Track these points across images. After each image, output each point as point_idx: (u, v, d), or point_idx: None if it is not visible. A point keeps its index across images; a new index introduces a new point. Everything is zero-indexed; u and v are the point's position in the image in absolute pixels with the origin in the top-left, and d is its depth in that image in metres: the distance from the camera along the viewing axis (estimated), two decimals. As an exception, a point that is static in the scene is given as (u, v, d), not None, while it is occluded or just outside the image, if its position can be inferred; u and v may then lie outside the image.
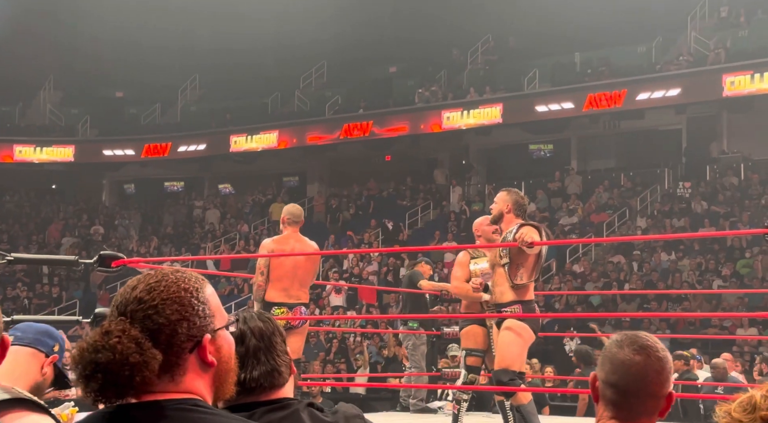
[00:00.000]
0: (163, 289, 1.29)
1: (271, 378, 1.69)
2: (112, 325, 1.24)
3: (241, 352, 1.67)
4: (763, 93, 15.40)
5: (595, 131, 18.45)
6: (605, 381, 1.62)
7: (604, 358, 1.64)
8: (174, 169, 22.05)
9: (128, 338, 1.23)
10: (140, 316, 1.26)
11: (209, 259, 17.21)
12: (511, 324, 4.68)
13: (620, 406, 1.60)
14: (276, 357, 1.71)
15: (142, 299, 1.28)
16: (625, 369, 1.59)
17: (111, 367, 1.21)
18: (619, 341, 1.63)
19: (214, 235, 19.88)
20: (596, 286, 13.42)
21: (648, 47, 17.87)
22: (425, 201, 18.90)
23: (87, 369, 1.22)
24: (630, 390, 1.59)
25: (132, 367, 1.22)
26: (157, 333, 1.26)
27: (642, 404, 1.59)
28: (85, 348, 1.23)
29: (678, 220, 14.95)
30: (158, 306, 1.27)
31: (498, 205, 4.84)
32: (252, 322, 1.74)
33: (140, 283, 1.29)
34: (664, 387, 1.61)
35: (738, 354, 10.20)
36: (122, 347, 1.22)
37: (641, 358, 1.60)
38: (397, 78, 20.55)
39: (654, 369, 1.59)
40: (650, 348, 1.61)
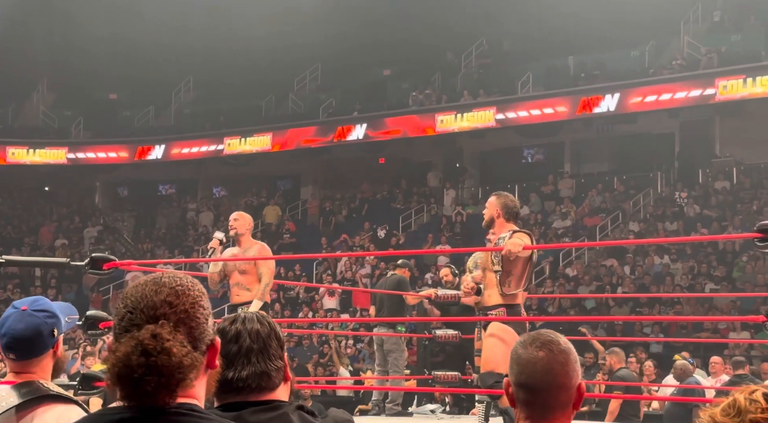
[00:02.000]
0: (188, 292, 1.31)
1: (259, 380, 1.69)
2: (157, 329, 1.25)
3: (234, 351, 1.69)
4: (755, 97, 15.46)
5: (588, 135, 18.49)
6: (516, 383, 1.65)
7: (512, 361, 1.68)
8: (167, 171, 22.02)
9: (178, 341, 1.25)
10: (174, 319, 1.28)
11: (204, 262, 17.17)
12: (496, 328, 4.69)
13: (533, 405, 1.63)
14: (267, 360, 1.71)
15: (172, 303, 1.29)
16: (531, 366, 1.63)
17: (166, 369, 1.23)
18: (523, 342, 1.68)
19: (207, 238, 19.84)
20: (589, 290, 13.45)
21: (641, 51, 17.93)
22: (419, 204, 18.91)
23: (137, 372, 1.22)
24: (539, 386, 1.62)
25: (185, 370, 1.24)
26: (190, 336, 1.28)
27: (554, 398, 1.62)
28: (130, 351, 1.23)
29: (671, 223, 14.99)
30: (188, 310, 1.29)
31: (488, 210, 4.85)
32: (249, 324, 1.74)
33: (161, 287, 1.30)
34: (572, 378, 1.64)
35: (729, 357, 10.23)
36: (177, 350, 1.24)
37: (544, 354, 1.63)
38: (391, 81, 20.57)
39: (558, 362, 1.63)
40: (552, 343, 1.65)
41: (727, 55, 16.41)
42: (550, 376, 1.62)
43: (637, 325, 11.88)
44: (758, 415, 1.40)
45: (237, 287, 5.78)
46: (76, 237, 20.62)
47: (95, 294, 17.95)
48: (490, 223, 4.84)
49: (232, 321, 1.76)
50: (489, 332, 4.69)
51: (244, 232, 5.88)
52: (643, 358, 9.22)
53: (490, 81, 18.93)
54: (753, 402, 1.42)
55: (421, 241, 16.82)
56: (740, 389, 1.47)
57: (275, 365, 1.72)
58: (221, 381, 1.64)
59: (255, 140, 20.14)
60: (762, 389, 1.42)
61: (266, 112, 21.24)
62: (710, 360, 8.37)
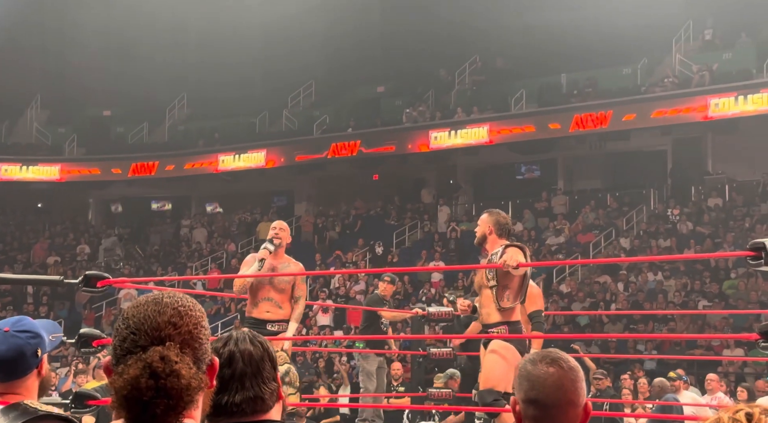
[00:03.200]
0: (190, 312, 1.31)
1: (254, 404, 1.66)
2: (165, 351, 1.24)
3: (227, 375, 1.66)
4: (747, 115, 15.56)
5: (581, 152, 18.57)
6: (525, 399, 1.66)
7: (521, 378, 1.68)
8: (161, 187, 22.00)
9: (186, 363, 1.25)
10: (179, 340, 1.27)
11: (197, 279, 17.13)
12: (496, 345, 4.69)
13: (543, 421, 1.64)
14: (261, 384, 1.68)
15: (176, 324, 1.28)
16: (542, 382, 1.64)
17: (175, 392, 1.22)
18: (532, 359, 1.69)
19: (200, 254, 19.81)
20: (583, 306, 13.45)
21: (633, 69, 18.04)
22: (412, 220, 18.93)
23: (146, 394, 1.22)
24: (550, 402, 1.63)
25: (192, 392, 1.24)
26: (194, 357, 1.28)
27: (563, 414, 1.63)
28: (139, 374, 1.22)
29: (664, 240, 15.02)
30: (192, 331, 1.29)
31: (480, 227, 4.87)
32: (242, 345, 1.70)
33: (163, 307, 1.30)
34: (581, 396, 1.65)
35: (723, 374, 10.23)
36: (186, 372, 1.24)
37: (555, 370, 1.65)
38: (385, 98, 20.64)
39: (569, 378, 1.65)
40: (561, 360, 1.67)
41: (718, 73, 16.53)
42: (560, 392, 1.63)
43: (630, 342, 11.87)
44: None
45: (268, 303, 5.50)
46: (69, 254, 20.55)
47: (88, 311, 17.87)
48: (483, 240, 4.86)
49: (224, 342, 1.71)
50: (490, 349, 4.70)
51: (285, 245, 5.74)
52: (639, 376, 9.21)
53: (484, 98, 19.02)
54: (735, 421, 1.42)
55: (415, 257, 16.82)
56: (726, 408, 1.47)
57: (269, 388, 1.68)
58: (214, 405, 1.62)
59: (249, 157, 20.16)
60: (746, 409, 1.42)
61: (260, 129, 21.28)
62: (706, 377, 8.37)
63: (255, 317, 5.46)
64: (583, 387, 1.66)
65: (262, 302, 5.49)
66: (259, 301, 5.50)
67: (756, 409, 1.38)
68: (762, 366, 10.06)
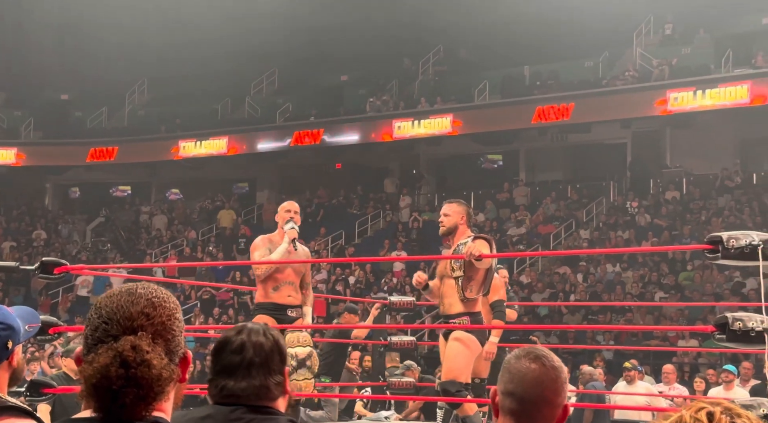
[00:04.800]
0: (164, 303, 1.30)
1: (257, 392, 1.71)
2: (136, 340, 1.23)
3: (236, 362, 1.72)
4: (704, 109, 15.82)
5: (543, 143, 18.73)
6: (504, 391, 1.68)
7: (503, 370, 1.71)
8: (120, 173, 21.70)
9: (157, 354, 1.24)
10: (152, 331, 1.26)
11: (157, 267, 16.95)
12: (459, 335, 4.71)
13: (518, 415, 1.66)
14: (267, 375, 1.73)
15: (149, 314, 1.28)
16: (522, 376, 1.66)
17: (145, 382, 1.22)
18: (517, 354, 1.72)
19: (160, 241, 19.61)
20: (543, 297, 13.60)
21: (595, 62, 18.22)
22: (375, 210, 18.93)
23: (116, 383, 1.21)
24: (527, 397, 1.65)
25: (163, 382, 1.23)
26: (166, 348, 1.27)
27: (539, 411, 1.65)
28: (109, 363, 1.21)
29: (622, 232, 15.24)
30: (165, 322, 1.28)
31: (452, 217, 4.85)
32: (255, 336, 1.76)
33: (137, 297, 1.29)
34: (560, 396, 1.67)
35: (678, 365, 10.43)
36: (157, 362, 1.23)
37: (537, 366, 1.67)
38: (348, 87, 20.57)
39: (549, 377, 1.66)
40: (545, 357, 1.69)
41: (677, 68, 16.78)
42: (539, 388, 1.65)
43: (589, 332, 12.04)
44: None
45: (290, 287, 5.27)
46: (25, 239, 20.19)
47: (44, 298, 17.59)
48: (453, 230, 4.85)
49: (238, 331, 1.78)
50: (453, 339, 4.71)
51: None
52: (598, 366, 9.35)
53: (447, 88, 19.07)
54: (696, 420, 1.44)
55: (377, 246, 16.84)
56: (689, 406, 1.49)
57: (275, 380, 1.74)
58: (220, 386, 1.71)
59: (211, 144, 19.97)
60: (709, 407, 1.44)
61: (222, 116, 21.08)
62: (663, 369, 8.52)
63: (276, 302, 5.20)
64: (563, 387, 1.67)
65: (284, 286, 5.24)
66: (281, 285, 5.23)
67: (717, 408, 1.40)
68: (716, 357, 10.28)
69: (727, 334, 3.56)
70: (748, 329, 3.51)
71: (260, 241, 5.33)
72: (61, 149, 20.93)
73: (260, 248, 5.27)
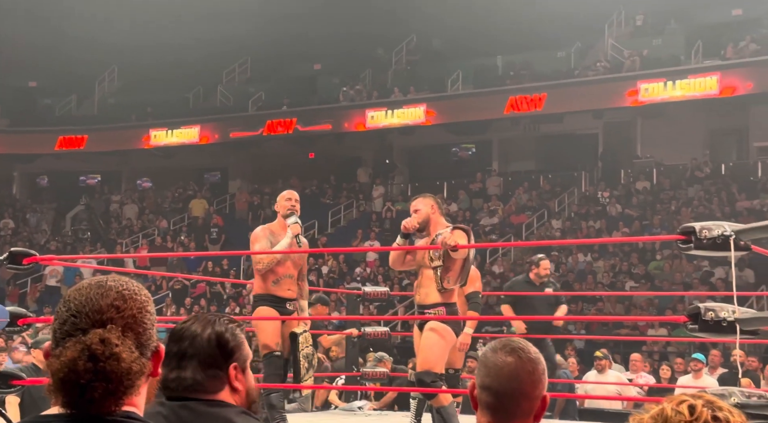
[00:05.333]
0: (135, 296, 1.28)
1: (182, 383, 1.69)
2: (105, 334, 1.22)
3: (173, 351, 1.71)
4: (675, 100, 15.98)
5: (515, 134, 18.80)
6: (481, 385, 1.67)
7: (480, 364, 1.69)
8: (90, 162, 21.43)
9: (127, 347, 1.22)
10: (122, 324, 1.24)
11: (128, 257, 16.79)
12: (434, 326, 4.71)
13: (495, 409, 1.64)
14: (199, 368, 1.71)
15: (120, 307, 1.25)
16: (498, 370, 1.64)
17: (115, 376, 1.20)
18: (493, 346, 1.70)
19: (131, 231, 19.42)
20: (515, 287, 13.65)
21: (567, 53, 18.30)
22: (348, 199, 18.90)
23: (84, 377, 1.19)
24: (503, 391, 1.63)
25: (133, 376, 1.21)
26: (137, 341, 1.25)
27: (516, 405, 1.64)
28: (77, 356, 1.19)
29: (594, 222, 15.36)
30: (136, 315, 1.26)
31: (424, 209, 4.85)
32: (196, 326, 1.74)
33: (107, 290, 1.27)
34: (537, 388, 1.65)
35: (648, 354, 10.56)
36: (127, 356, 1.21)
37: (513, 360, 1.65)
38: (321, 76, 20.47)
39: (526, 370, 1.64)
40: (522, 350, 1.67)
41: (648, 59, 16.91)
42: (515, 382, 1.63)
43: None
44: None
45: (290, 280, 5.17)
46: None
47: (12, 288, 17.35)
48: (426, 223, 4.84)
49: (187, 320, 1.77)
50: (428, 329, 4.71)
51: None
52: (569, 355, 9.43)
53: (421, 78, 19.06)
54: (678, 413, 1.45)
55: (351, 236, 16.82)
56: (670, 398, 1.50)
57: (209, 374, 1.70)
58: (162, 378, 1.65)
59: (182, 132, 19.80)
60: (690, 400, 1.45)
61: (194, 104, 20.89)
62: (630, 357, 8.63)
63: (276, 295, 5.10)
64: (541, 379, 1.65)
65: (284, 279, 5.14)
66: (281, 278, 5.13)
67: (698, 402, 1.41)
68: (685, 345, 10.41)
69: (699, 324, 3.59)
70: (720, 319, 3.55)
71: (261, 232, 5.22)
72: (29, 137, 20.61)
73: (261, 240, 5.16)
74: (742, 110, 16.78)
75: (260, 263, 5.07)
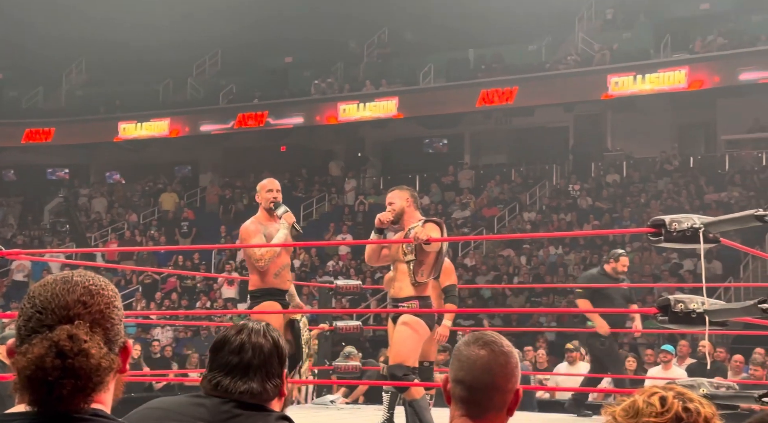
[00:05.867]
0: (102, 291, 1.26)
1: (251, 394, 1.71)
2: (73, 330, 1.19)
3: (234, 362, 1.72)
4: (644, 93, 16.12)
5: (487, 127, 18.86)
6: (454, 379, 1.66)
7: (453, 358, 1.69)
8: (58, 155, 21.15)
9: (96, 343, 1.20)
10: (89, 320, 1.22)
11: (97, 251, 16.60)
12: (407, 319, 4.71)
13: (469, 402, 1.64)
14: (265, 378, 1.73)
15: (87, 303, 1.23)
16: (471, 364, 1.64)
17: (83, 372, 1.18)
18: (467, 340, 1.69)
19: (100, 225, 19.21)
20: (487, 280, 13.74)
21: (538, 46, 18.38)
22: (320, 193, 18.85)
23: (52, 375, 1.16)
24: (476, 385, 1.63)
25: (102, 373, 1.19)
26: (105, 337, 1.23)
27: (489, 399, 1.64)
28: (44, 353, 1.17)
29: (565, 215, 15.47)
30: (104, 310, 1.24)
31: (398, 203, 4.83)
32: (255, 337, 1.76)
33: (73, 285, 1.25)
34: (510, 381, 1.65)
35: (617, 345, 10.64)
36: (96, 352, 1.19)
37: (486, 353, 1.64)
38: (293, 68, 20.37)
39: (499, 363, 1.64)
40: (495, 343, 1.66)
41: (618, 52, 17.04)
42: (488, 375, 1.63)
43: (533, 314, 12.22)
44: (651, 419, 1.45)
45: (287, 271, 5.05)
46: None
47: (-22, 284, 17.08)
48: (401, 216, 4.83)
49: (238, 331, 1.77)
50: (401, 322, 4.70)
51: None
52: (540, 347, 9.50)
53: (392, 71, 19.03)
54: (649, 405, 1.46)
55: (323, 230, 16.78)
56: (641, 390, 1.51)
57: (273, 383, 1.74)
58: (215, 381, 1.71)
59: (152, 125, 19.60)
60: (661, 392, 1.46)
61: (164, 97, 20.68)
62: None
63: (278, 288, 4.95)
64: (515, 372, 1.65)
65: (284, 270, 5.01)
66: (281, 270, 4.99)
67: (669, 393, 1.41)
68: (654, 337, 10.53)
69: (669, 316, 3.62)
70: (690, 311, 3.58)
71: (252, 226, 5.04)
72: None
73: (255, 235, 4.99)
74: (710, 104, 16.98)
75: (262, 259, 4.88)
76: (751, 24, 16.68)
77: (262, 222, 5.09)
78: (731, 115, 16.89)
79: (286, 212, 5.08)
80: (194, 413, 1.69)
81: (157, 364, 9.98)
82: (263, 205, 5.15)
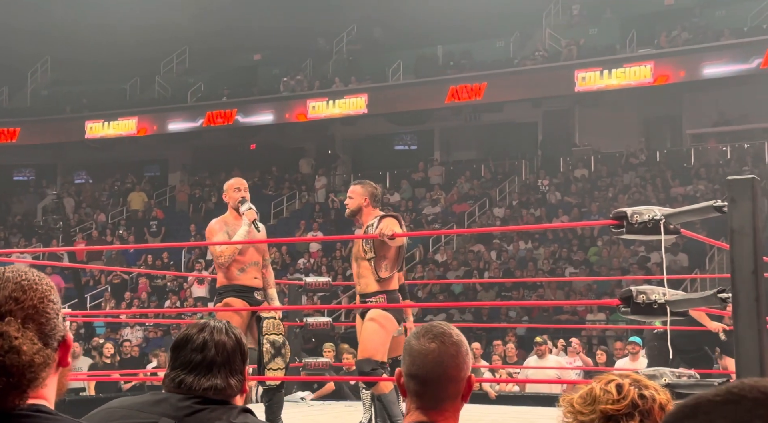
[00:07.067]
0: (35, 286, 1.24)
1: (215, 390, 1.73)
2: (3, 327, 1.18)
3: (197, 360, 1.73)
4: (611, 89, 16.27)
5: (457, 123, 18.92)
6: (407, 374, 1.68)
7: (405, 353, 1.71)
8: (23, 155, 20.86)
9: (28, 339, 1.18)
10: (22, 316, 1.20)
11: (64, 251, 16.41)
12: (375, 314, 4.73)
13: (423, 396, 1.66)
14: (228, 375, 1.74)
15: (19, 299, 1.21)
16: (422, 358, 1.66)
17: (16, 369, 1.16)
18: (416, 333, 1.71)
19: (68, 225, 18.99)
20: (457, 275, 13.79)
21: (506, 42, 18.48)
22: (291, 190, 18.80)
23: None
24: (429, 378, 1.65)
25: (36, 369, 1.18)
26: (40, 332, 1.21)
27: (443, 390, 1.66)
28: None
29: (534, 210, 15.57)
30: (37, 305, 1.22)
31: (355, 199, 4.85)
32: (218, 335, 1.77)
33: (4, 282, 1.23)
34: (462, 370, 1.67)
35: (587, 338, 10.77)
36: (28, 348, 1.17)
37: (436, 346, 1.66)
38: (261, 66, 20.27)
39: (449, 354, 1.66)
40: (444, 335, 1.68)
41: (585, 48, 17.18)
42: (440, 368, 1.65)
43: (503, 308, 12.29)
44: (608, 406, 1.47)
45: (255, 268, 5.02)
46: None
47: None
48: (357, 212, 4.85)
49: (200, 329, 1.79)
50: (369, 318, 4.72)
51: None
52: (509, 341, 9.56)
53: (362, 68, 19.02)
54: (606, 392, 1.49)
55: (293, 227, 16.74)
56: (599, 378, 1.53)
57: (236, 379, 1.75)
58: (178, 380, 1.72)
59: (119, 124, 19.40)
60: (618, 380, 1.49)
61: (131, 96, 20.48)
62: (570, 341, 8.79)
63: (243, 284, 4.96)
64: (466, 361, 1.67)
65: (250, 267, 5.00)
66: (247, 267, 4.98)
67: (626, 381, 1.44)
68: (622, 330, 10.64)
69: (631, 307, 3.67)
70: (651, 302, 3.63)
71: (216, 226, 5.06)
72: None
73: (218, 233, 5.01)
74: (676, 98, 17.19)
75: (221, 256, 4.91)
76: (714, 19, 16.91)
77: (229, 221, 5.09)
78: (696, 109, 17.11)
79: (249, 209, 5.06)
80: (157, 410, 1.69)
81: (128, 364, 9.91)
82: (230, 205, 5.16)
